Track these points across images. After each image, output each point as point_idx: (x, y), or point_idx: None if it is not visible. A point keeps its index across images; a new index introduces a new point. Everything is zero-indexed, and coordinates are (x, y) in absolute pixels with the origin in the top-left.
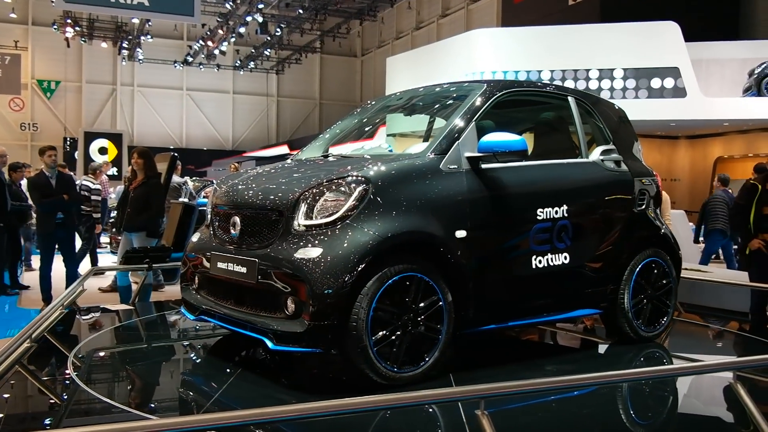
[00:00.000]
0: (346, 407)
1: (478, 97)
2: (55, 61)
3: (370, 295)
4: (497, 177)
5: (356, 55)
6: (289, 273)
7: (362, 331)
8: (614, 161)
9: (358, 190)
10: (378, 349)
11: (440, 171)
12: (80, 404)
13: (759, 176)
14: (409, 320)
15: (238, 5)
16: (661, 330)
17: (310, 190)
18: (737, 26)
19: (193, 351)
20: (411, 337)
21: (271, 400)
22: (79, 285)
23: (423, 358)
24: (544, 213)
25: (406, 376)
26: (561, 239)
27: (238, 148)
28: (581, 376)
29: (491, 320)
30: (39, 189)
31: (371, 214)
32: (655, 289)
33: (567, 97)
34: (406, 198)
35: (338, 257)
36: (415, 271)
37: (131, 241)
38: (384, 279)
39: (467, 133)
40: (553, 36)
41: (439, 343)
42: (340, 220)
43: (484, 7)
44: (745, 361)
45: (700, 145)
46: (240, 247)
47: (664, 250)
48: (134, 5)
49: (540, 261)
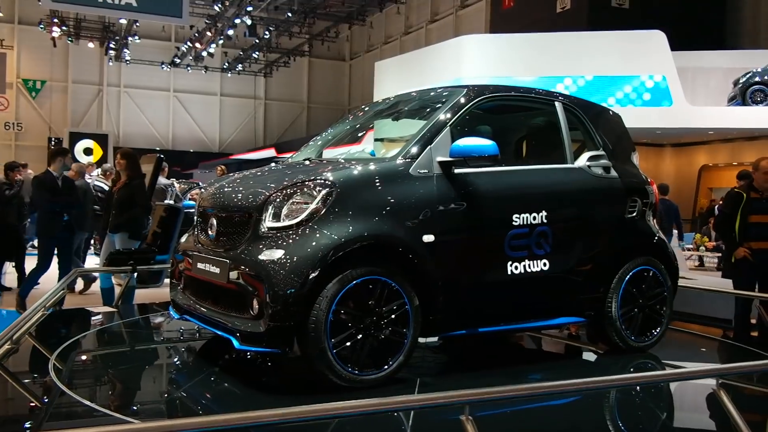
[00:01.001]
0: (327, 412)
1: (454, 102)
2: (41, 60)
3: (330, 297)
4: (470, 182)
5: (345, 59)
6: (252, 274)
7: (321, 332)
8: (603, 167)
9: (323, 193)
10: (338, 351)
11: (409, 175)
12: (61, 407)
13: (744, 185)
14: (372, 323)
15: (226, 7)
16: (653, 340)
17: (277, 192)
18: (723, 36)
19: (176, 354)
20: (375, 340)
21: (254, 404)
22: (61, 287)
23: (387, 362)
24: (521, 219)
25: (367, 379)
26: (540, 245)
27: (225, 150)
28: (565, 382)
29: (462, 326)
30: (48, 189)
31: (335, 217)
32: (648, 298)
33: (554, 103)
34: (371, 202)
35: (298, 259)
36: (379, 275)
37: (114, 242)
38: (345, 281)
39: (441, 138)
40: (541, 43)
41: (405, 347)
42: (303, 223)
43: (473, 13)
44: (729, 368)
45: (686, 153)
46: (215, 249)
47: (657, 259)
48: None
49: (516, 267)
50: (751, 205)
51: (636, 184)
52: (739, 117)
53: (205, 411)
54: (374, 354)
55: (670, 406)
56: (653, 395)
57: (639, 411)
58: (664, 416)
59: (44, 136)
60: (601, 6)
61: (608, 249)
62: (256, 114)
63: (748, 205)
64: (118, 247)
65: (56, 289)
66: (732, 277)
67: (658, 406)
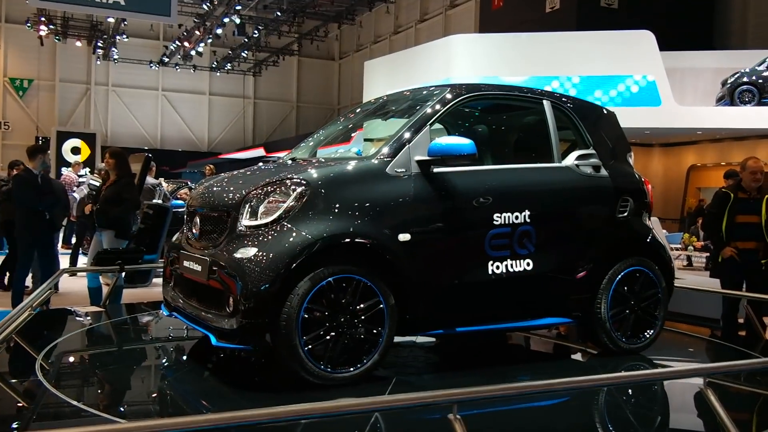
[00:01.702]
0: (315, 411)
1: (436, 102)
2: (29, 59)
3: (301, 295)
4: (449, 181)
5: (334, 59)
6: (227, 272)
7: (292, 329)
8: (592, 166)
9: (297, 191)
10: (310, 348)
11: (386, 174)
12: (48, 408)
13: (731, 184)
14: (346, 321)
15: (215, 6)
16: (646, 343)
17: (254, 191)
18: (711, 36)
19: (164, 354)
20: (349, 338)
21: (241, 404)
22: (48, 286)
23: (362, 360)
24: (502, 218)
25: (340, 377)
26: (523, 245)
27: (214, 149)
28: (552, 381)
29: (439, 325)
30: (31, 187)
31: (308, 215)
32: (640, 299)
33: (542, 101)
34: (345, 200)
35: (269, 257)
36: (353, 273)
37: (101, 242)
38: (317, 280)
39: (420, 137)
40: (530, 43)
41: (380, 345)
42: (277, 221)
43: (462, 13)
44: (716, 367)
45: (674, 153)
46: (199, 247)
47: (651, 260)
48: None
49: (498, 267)
50: (738, 204)
51: (628, 183)
52: (727, 117)
53: (193, 410)
54: (348, 352)
55: (657, 406)
56: (641, 394)
57: (627, 410)
58: (651, 415)
59: (31, 135)
60: (590, 6)
61: (597, 249)
62: (245, 113)
63: (736, 204)
64: (105, 246)
65: (43, 288)
66: (719, 276)
67: (645, 405)
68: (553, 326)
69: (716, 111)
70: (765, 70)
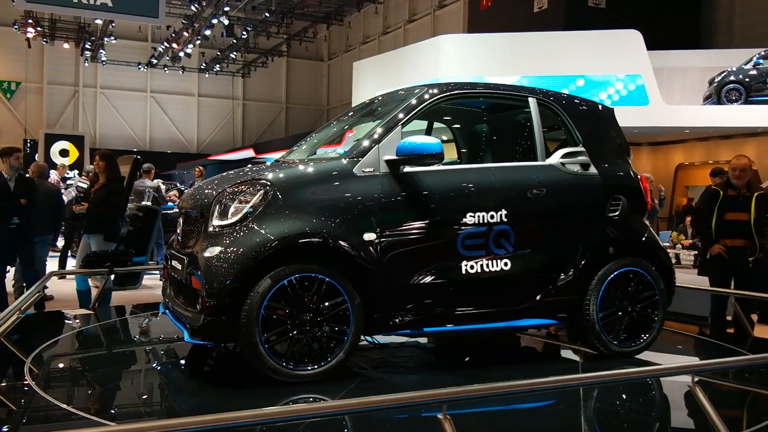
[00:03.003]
0: (306, 412)
1: (410, 102)
2: (16, 61)
3: (262, 293)
4: (419, 180)
5: (323, 59)
6: (196, 270)
7: (252, 327)
8: (580, 164)
9: (260, 192)
10: (271, 345)
11: (352, 174)
12: (38, 411)
13: (721, 182)
14: (309, 320)
15: (203, 7)
16: (641, 346)
17: (222, 192)
18: (698, 35)
19: (154, 356)
20: (312, 336)
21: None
22: (37, 289)
23: (326, 358)
24: (476, 217)
25: (303, 374)
26: (500, 245)
27: (203, 151)
28: (540, 380)
29: (407, 325)
30: None
31: (270, 215)
32: (635, 301)
33: (527, 98)
34: (308, 200)
35: (230, 256)
36: (315, 272)
37: (90, 244)
38: (278, 278)
39: (390, 137)
40: (519, 43)
41: (344, 344)
42: (241, 221)
43: (451, 13)
44: (705, 365)
45: (662, 151)
46: (181, 247)
47: (647, 260)
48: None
49: (472, 267)
50: (727, 202)
51: (621, 181)
52: (714, 116)
53: (182, 413)
54: (312, 350)
55: (646, 404)
56: (630, 393)
57: (616, 409)
58: (640, 414)
59: (20, 137)
60: (578, 6)
61: (583, 249)
62: (234, 114)
63: (725, 202)
64: (94, 249)
65: (31, 292)
66: (707, 274)
67: (634, 403)
68: (539, 327)
69: (703, 110)
70: (751, 69)
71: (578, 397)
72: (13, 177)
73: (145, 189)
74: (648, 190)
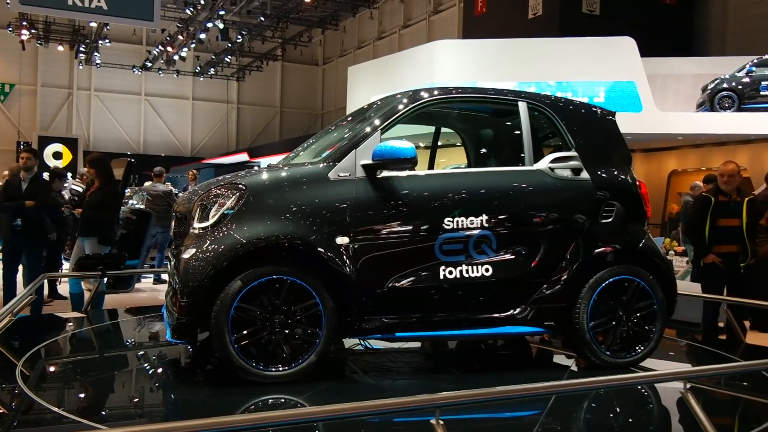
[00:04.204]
0: (298, 417)
1: (393, 106)
2: (10, 63)
3: (232, 294)
4: (396, 185)
5: (318, 64)
6: (174, 271)
7: (222, 327)
8: (571, 169)
9: (235, 195)
10: (241, 346)
11: (327, 179)
12: (29, 414)
13: (711, 188)
14: (280, 321)
15: (198, 11)
16: (636, 358)
17: (203, 195)
18: (691, 43)
19: (146, 359)
20: (284, 337)
21: (220, 410)
22: (29, 292)
23: (297, 360)
24: (454, 222)
25: (273, 375)
26: (481, 250)
27: (197, 154)
28: (533, 385)
29: (382, 329)
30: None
31: (242, 218)
32: (630, 311)
33: (516, 103)
34: (281, 204)
35: (201, 257)
36: (286, 274)
37: (84, 247)
38: (248, 280)
39: (368, 142)
40: (513, 49)
41: (316, 346)
42: (216, 224)
43: (446, 19)
44: (697, 371)
45: (655, 158)
46: (173, 248)
47: (644, 268)
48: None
49: (451, 272)
50: (719, 208)
51: (615, 187)
52: (707, 123)
53: (173, 416)
54: (283, 351)
55: (639, 410)
56: (622, 399)
57: (608, 415)
58: (633, 420)
59: (13, 140)
60: (572, 12)
61: (572, 256)
62: (228, 118)
63: (717, 208)
64: (88, 251)
65: (23, 294)
66: (700, 281)
67: (627, 409)
68: (525, 335)
69: (696, 117)
70: (744, 77)
71: (571, 403)
72: (27, 178)
73: (159, 193)
74: (647, 197)
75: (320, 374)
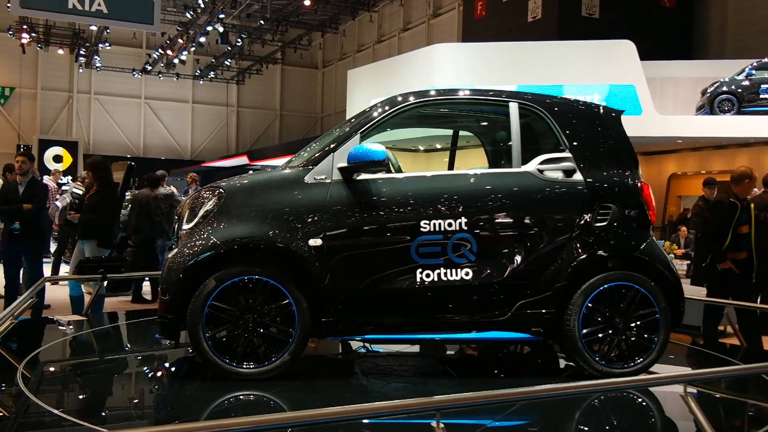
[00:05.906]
0: (295, 420)
1: (376, 109)
2: (10, 66)
3: (206, 293)
4: (372, 188)
5: (317, 67)
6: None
7: (197, 324)
8: (563, 170)
9: (213, 199)
10: (215, 343)
11: (302, 182)
12: (30, 417)
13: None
14: (253, 320)
15: (198, 14)
16: (634, 369)
17: (193, 197)
18: (691, 46)
19: (146, 362)
20: (256, 336)
21: (219, 412)
22: (30, 295)
23: (270, 358)
24: (431, 225)
25: (245, 372)
26: (461, 254)
27: (197, 158)
28: (532, 388)
29: (356, 330)
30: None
31: (218, 220)
32: (628, 319)
33: (507, 103)
34: (256, 206)
35: (179, 257)
36: (258, 275)
37: (83, 251)
38: (222, 279)
39: (347, 145)
40: (512, 52)
41: (289, 346)
42: (197, 225)
43: (446, 22)
44: (697, 374)
45: (655, 161)
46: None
47: (645, 274)
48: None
49: (428, 275)
50: (741, 215)
51: (612, 188)
52: (707, 126)
53: (173, 419)
54: (256, 350)
55: (638, 413)
56: (622, 402)
57: (608, 418)
58: (632, 423)
59: (13, 143)
60: (572, 16)
61: (562, 260)
62: (228, 121)
63: (740, 216)
64: (88, 255)
65: (24, 297)
66: (708, 284)
67: (626, 412)
68: (511, 342)
69: (696, 120)
70: (744, 80)
71: (571, 406)
72: (24, 182)
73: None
74: (651, 199)
75: (320, 376)
